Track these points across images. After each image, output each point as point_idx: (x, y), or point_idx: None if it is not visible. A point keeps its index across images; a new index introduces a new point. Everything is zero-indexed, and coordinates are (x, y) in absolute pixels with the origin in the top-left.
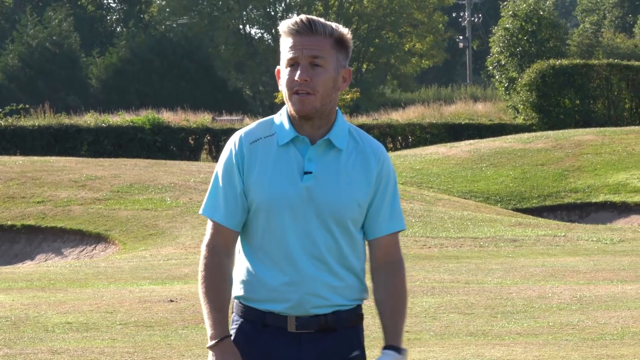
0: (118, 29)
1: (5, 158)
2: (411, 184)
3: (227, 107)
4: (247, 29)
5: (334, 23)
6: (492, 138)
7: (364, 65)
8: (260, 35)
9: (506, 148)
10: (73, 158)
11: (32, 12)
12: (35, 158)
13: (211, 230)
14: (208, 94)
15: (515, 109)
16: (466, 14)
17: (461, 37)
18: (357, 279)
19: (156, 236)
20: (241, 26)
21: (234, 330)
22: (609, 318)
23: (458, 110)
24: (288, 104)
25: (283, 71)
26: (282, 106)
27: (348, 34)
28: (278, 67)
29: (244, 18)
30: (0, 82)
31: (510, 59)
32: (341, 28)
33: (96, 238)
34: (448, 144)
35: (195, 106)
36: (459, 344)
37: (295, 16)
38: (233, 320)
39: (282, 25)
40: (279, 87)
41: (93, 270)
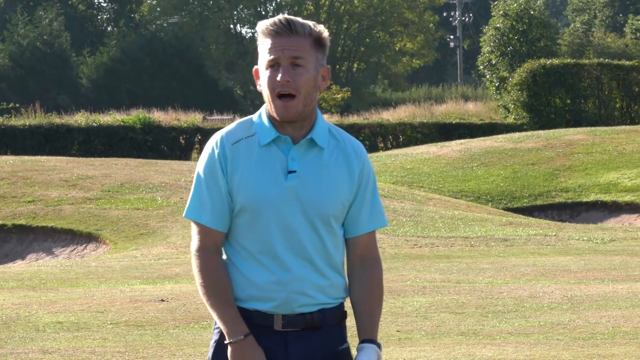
0: (109, 29)
1: None
2: (402, 184)
3: (218, 107)
4: (238, 29)
5: (311, 22)
6: (483, 137)
7: (355, 64)
8: (251, 34)
9: (497, 147)
10: (64, 157)
11: (23, 12)
12: (25, 157)
13: (198, 234)
14: (199, 94)
15: (506, 109)
16: (457, 14)
17: (452, 37)
18: (341, 277)
19: (147, 236)
20: (232, 26)
21: (218, 330)
22: (600, 317)
23: (449, 109)
24: (270, 106)
25: (263, 72)
26: None
27: (325, 33)
28: (256, 67)
29: (235, 17)
30: None
31: (501, 59)
32: (319, 27)
33: (87, 237)
34: (439, 144)
35: (186, 106)
36: (450, 344)
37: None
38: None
39: (261, 25)
40: (258, 88)
41: (84, 269)
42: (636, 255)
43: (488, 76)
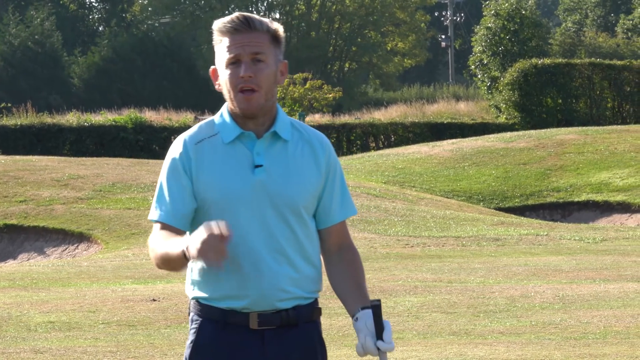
0: (100, 28)
1: None
2: (393, 183)
3: (210, 106)
4: None
5: (266, 18)
6: (475, 137)
7: (347, 64)
8: None
9: (488, 147)
10: (55, 157)
11: (14, 11)
12: (17, 157)
13: (155, 230)
14: (190, 93)
15: (497, 108)
16: (448, 13)
17: (443, 37)
18: (314, 269)
19: (138, 235)
20: None
21: (194, 330)
22: (592, 317)
23: (440, 109)
24: (231, 103)
25: (223, 71)
26: None
27: (281, 29)
28: (213, 67)
29: None
30: None
31: (492, 58)
32: (275, 23)
33: (78, 237)
34: (430, 143)
35: (177, 105)
36: (442, 343)
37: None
38: (192, 320)
39: (217, 24)
40: (216, 87)
41: (75, 269)
42: (628, 255)
43: (479, 76)
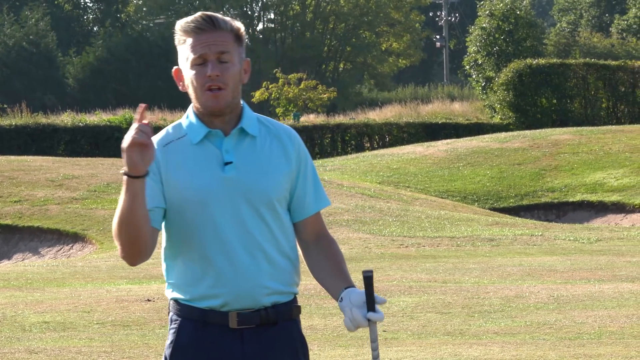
0: (95, 29)
1: None
2: (388, 184)
3: None
4: None
5: (228, 17)
6: (469, 137)
7: (341, 64)
8: None
9: (483, 147)
10: (50, 157)
11: (9, 12)
12: (12, 157)
13: None
14: (185, 94)
15: (492, 109)
16: (443, 14)
17: (438, 37)
18: (290, 262)
19: None
20: None
21: (174, 330)
22: (586, 317)
23: (435, 109)
24: (197, 102)
25: (188, 71)
26: (259, 105)
27: (243, 28)
28: (176, 68)
29: None
30: None
31: (487, 59)
32: (237, 22)
33: (73, 237)
34: (425, 144)
35: (172, 105)
36: (437, 344)
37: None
38: (171, 320)
39: (181, 24)
40: (181, 88)
41: (70, 269)
42: (622, 255)
43: (474, 76)
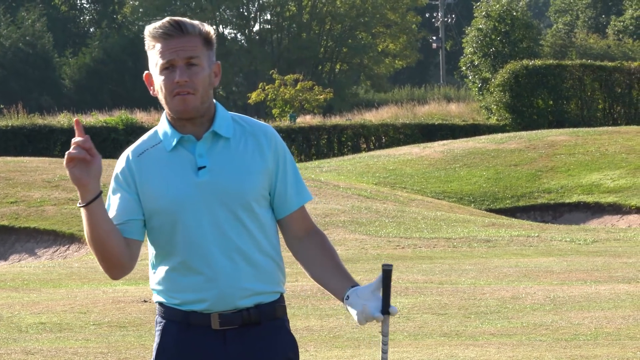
0: (91, 30)
1: None
2: (385, 185)
3: None
4: (220, 29)
5: (197, 21)
6: (466, 138)
7: (337, 65)
8: (233, 35)
9: (479, 148)
10: (46, 158)
11: (5, 13)
12: (8, 158)
13: None
14: None
15: (488, 110)
16: (439, 15)
17: (434, 38)
18: (273, 261)
19: None
20: (214, 26)
21: (159, 332)
22: (583, 318)
23: (431, 110)
24: (167, 108)
25: (157, 76)
26: (256, 106)
27: (212, 31)
28: (147, 72)
29: (217, 18)
30: None
31: (483, 60)
32: (206, 26)
33: (70, 238)
34: (421, 145)
35: None
36: (433, 345)
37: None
38: (157, 322)
39: (149, 29)
40: (151, 92)
41: (66, 270)
42: (618, 256)
43: (470, 77)
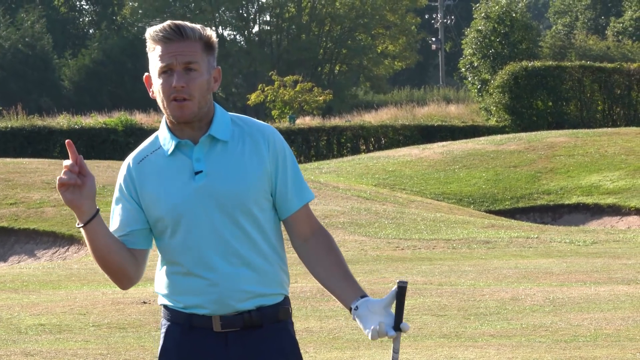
0: (91, 31)
1: None
2: (384, 186)
3: None
4: (220, 31)
5: (199, 25)
6: (465, 140)
7: (337, 67)
8: (232, 36)
9: (479, 150)
10: (46, 160)
11: (5, 14)
12: (7, 160)
13: None
14: None
15: (487, 111)
16: (439, 16)
17: (434, 39)
18: (274, 264)
19: None
20: (214, 28)
21: (163, 334)
22: (582, 320)
23: (431, 112)
24: (165, 112)
25: (156, 80)
26: (255, 107)
27: (214, 36)
28: (147, 74)
29: (217, 20)
30: None
31: (482, 61)
32: (207, 30)
33: (69, 240)
34: (421, 146)
35: None
36: (432, 346)
37: (161, 23)
38: (161, 324)
39: (150, 32)
40: (150, 95)
41: (66, 271)
42: (618, 257)
43: (470, 78)
